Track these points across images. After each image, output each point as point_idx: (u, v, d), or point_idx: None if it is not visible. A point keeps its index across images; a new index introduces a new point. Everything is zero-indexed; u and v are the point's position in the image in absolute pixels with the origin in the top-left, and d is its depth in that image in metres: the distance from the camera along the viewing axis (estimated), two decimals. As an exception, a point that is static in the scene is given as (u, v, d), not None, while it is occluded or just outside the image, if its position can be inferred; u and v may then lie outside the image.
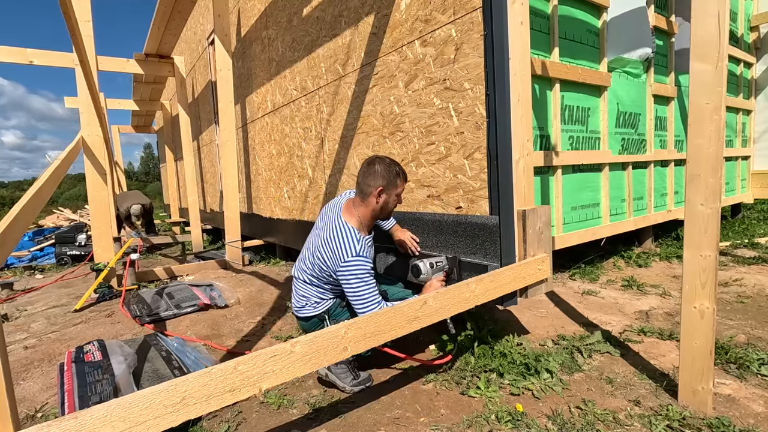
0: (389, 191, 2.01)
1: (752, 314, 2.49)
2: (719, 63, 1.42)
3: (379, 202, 2.01)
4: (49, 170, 2.22)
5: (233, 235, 4.82)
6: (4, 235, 1.36)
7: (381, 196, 2.00)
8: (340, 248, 1.91)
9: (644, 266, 3.69)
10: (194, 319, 3.04)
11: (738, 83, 4.93)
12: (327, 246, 1.97)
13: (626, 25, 3.25)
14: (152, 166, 64.63)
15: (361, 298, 1.87)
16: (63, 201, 39.35)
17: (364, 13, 2.79)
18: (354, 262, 1.87)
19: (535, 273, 2.03)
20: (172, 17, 4.82)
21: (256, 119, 4.94)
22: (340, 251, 1.91)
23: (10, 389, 1.14)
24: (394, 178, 2.00)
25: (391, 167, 2.00)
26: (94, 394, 1.85)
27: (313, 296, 2.11)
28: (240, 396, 1.19)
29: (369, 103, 2.84)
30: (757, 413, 1.55)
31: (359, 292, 1.87)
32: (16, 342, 2.79)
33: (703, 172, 1.47)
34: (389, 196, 2.02)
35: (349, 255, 1.88)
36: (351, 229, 1.96)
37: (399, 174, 2.03)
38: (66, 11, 2.59)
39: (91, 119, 3.91)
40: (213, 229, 7.87)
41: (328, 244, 1.97)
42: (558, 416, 1.60)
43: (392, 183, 2.00)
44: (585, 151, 3.15)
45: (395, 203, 2.08)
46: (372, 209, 2.03)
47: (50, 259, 6.28)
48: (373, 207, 2.02)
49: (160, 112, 10.65)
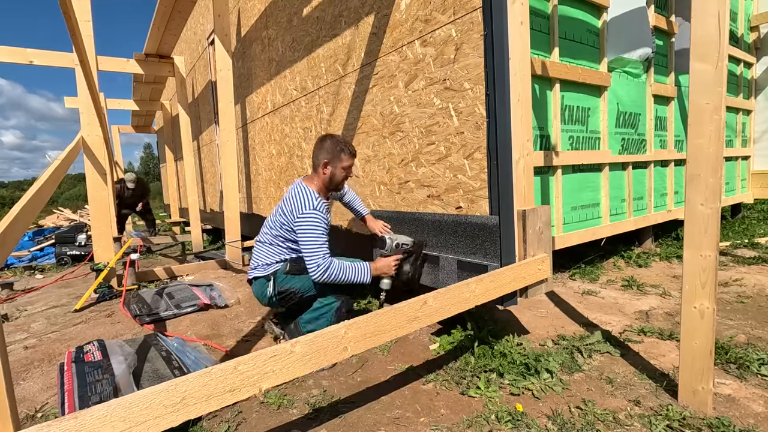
0: (334, 164, 2.27)
1: (752, 314, 2.49)
2: (719, 63, 1.42)
3: (326, 173, 2.28)
4: (49, 170, 2.22)
5: (233, 235, 4.82)
6: (4, 235, 1.36)
7: (327, 168, 2.27)
8: (300, 202, 2.19)
9: (644, 266, 3.69)
10: (194, 319, 3.04)
11: (738, 83, 4.93)
12: (288, 203, 2.26)
13: (626, 25, 3.25)
14: (152, 166, 64.58)
15: (310, 246, 2.11)
16: (63, 201, 39.37)
17: (364, 13, 2.79)
18: (311, 213, 2.14)
19: (535, 273, 2.03)
20: (172, 17, 4.81)
21: (256, 119, 4.94)
22: (300, 205, 2.19)
23: (10, 389, 1.14)
24: (338, 153, 2.26)
25: (337, 144, 2.28)
26: (94, 394, 1.85)
27: (267, 256, 2.36)
28: (240, 396, 1.19)
29: (369, 103, 2.84)
30: (757, 413, 1.55)
31: (310, 241, 2.11)
32: (16, 342, 2.79)
33: (703, 172, 1.47)
34: (335, 168, 2.28)
35: (307, 208, 2.16)
36: (310, 190, 2.26)
37: (344, 150, 2.28)
38: (66, 11, 2.59)
39: (91, 119, 3.90)
40: (213, 229, 7.87)
41: (290, 201, 2.26)
42: (558, 416, 1.60)
43: (336, 157, 2.26)
44: (585, 151, 3.15)
45: (342, 176, 2.33)
46: (322, 180, 2.30)
47: (50, 259, 6.28)
48: (322, 178, 2.30)
49: (160, 112, 10.64)
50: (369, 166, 2.94)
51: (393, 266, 2.29)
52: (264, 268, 2.36)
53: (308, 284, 2.26)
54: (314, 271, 2.09)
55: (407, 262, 2.37)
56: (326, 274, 2.08)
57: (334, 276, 2.10)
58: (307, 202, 2.19)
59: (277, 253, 2.35)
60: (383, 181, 2.82)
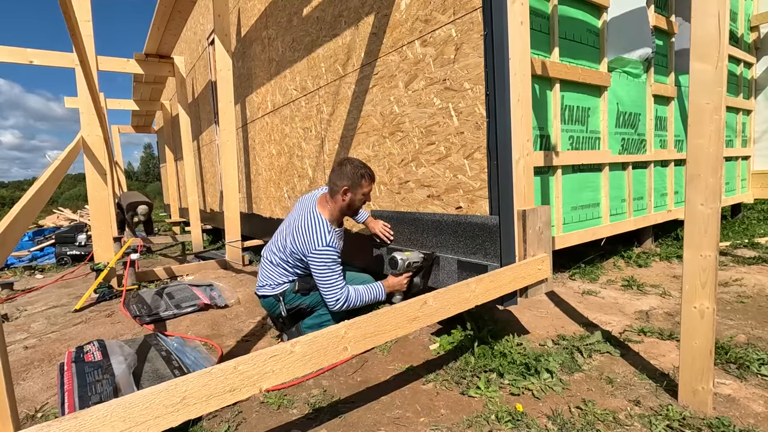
0: (355, 191, 2.21)
1: (752, 314, 2.49)
2: (719, 63, 1.42)
3: (345, 200, 2.22)
4: (49, 170, 2.22)
5: (233, 235, 4.82)
6: (4, 235, 1.36)
7: (347, 195, 2.21)
8: (313, 237, 2.13)
9: (644, 266, 3.69)
10: (194, 319, 3.04)
11: (738, 83, 4.93)
12: (301, 232, 2.19)
13: (626, 25, 3.25)
14: (152, 166, 64.62)
15: (326, 283, 2.13)
16: (63, 201, 39.36)
17: (364, 13, 2.79)
18: (324, 251, 2.11)
19: (535, 273, 2.03)
20: (172, 17, 4.82)
21: (256, 119, 4.94)
22: (313, 240, 2.13)
23: (10, 389, 1.14)
24: (359, 179, 2.20)
25: (357, 169, 2.20)
26: (94, 394, 1.85)
27: (276, 277, 2.34)
28: (240, 396, 1.19)
29: (369, 103, 2.84)
30: (757, 413, 1.55)
31: (326, 277, 2.13)
32: (16, 342, 2.79)
33: (703, 172, 1.47)
34: (355, 195, 2.22)
35: (320, 244, 2.11)
36: (324, 221, 2.19)
37: (364, 176, 2.22)
38: (66, 11, 2.59)
39: (91, 119, 3.91)
40: (213, 229, 7.87)
41: (303, 231, 2.19)
42: (558, 416, 1.59)
43: (357, 183, 2.20)
44: (585, 151, 3.15)
45: (362, 202, 2.29)
46: (339, 206, 2.24)
47: (50, 259, 6.28)
48: (340, 204, 2.24)
49: (160, 112, 10.64)
50: (369, 165, 2.94)
51: (405, 284, 2.33)
52: (273, 288, 2.36)
53: (317, 299, 2.31)
54: (334, 305, 2.16)
55: (417, 276, 2.40)
56: (345, 304, 2.15)
57: (353, 305, 2.17)
58: (320, 237, 2.13)
59: (286, 274, 2.35)
60: (383, 181, 2.82)
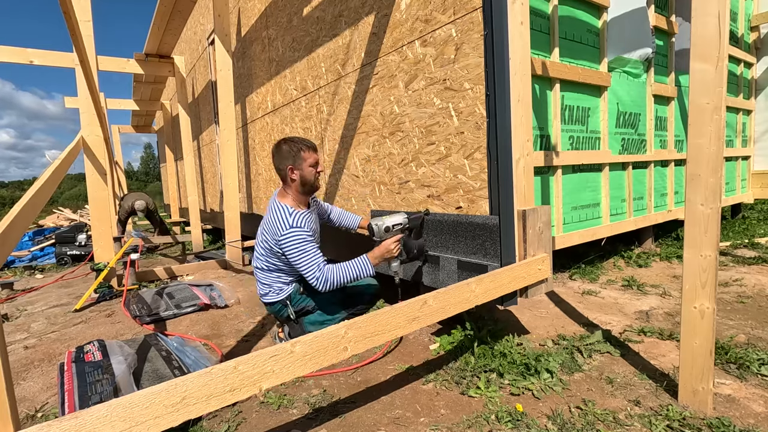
0: (300, 165, 2.18)
1: (752, 314, 2.49)
2: (719, 63, 1.42)
3: (296, 179, 2.20)
4: (49, 170, 2.22)
5: (233, 235, 4.82)
6: (4, 235, 1.36)
7: (295, 173, 2.19)
8: (278, 224, 2.13)
9: (644, 266, 3.68)
10: (194, 319, 3.04)
11: (738, 83, 4.93)
12: (268, 226, 2.21)
13: (626, 25, 3.25)
14: (152, 166, 64.64)
15: (302, 263, 2.08)
16: (63, 201, 39.36)
17: (364, 13, 2.79)
18: (290, 232, 2.08)
19: (536, 273, 2.03)
20: (172, 17, 4.82)
21: (257, 119, 4.94)
22: (278, 226, 2.13)
23: (10, 389, 1.14)
24: (298, 152, 2.17)
25: (293, 144, 2.18)
26: (94, 393, 1.85)
27: (275, 283, 2.33)
28: (240, 396, 1.19)
29: (369, 103, 2.84)
30: (757, 413, 1.55)
31: (300, 258, 2.08)
32: (16, 342, 2.79)
33: (703, 172, 1.47)
34: (302, 170, 2.19)
35: (285, 228, 2.10)
36: (285, 207, 2.17)
37: (302, 148, 2.18)
38: (66, 11, 2.59)
39: (91, 119, 3.90)
40: (213, 229, 7.87)
41: (268, 225, 2.21)
42: (558, 416, 1.59)
43: (299, 157, 2.17)
44: (585, 151, 3.15)
45: (313, 174, 2.22)
46: (296, 188, 2.22)
47: (50, 259, 6.28)
48: (296, 186, 2.21)
49: (160, 112, 10.64)
50: (369, 166, 2.94)
51: (394, 248, 2.13)
52: (277, 293, 2.33)
53: (324, 298, 2.31)
54: (317, 285, 2.11)
55: (409, 238, 2.25)
56: (328, 282, 2.09)
57: (337, 281, 2.10)
58: (284, 221, 2.12)
59: (281, 277, 2.34)
60: (383, 181, 2.82)
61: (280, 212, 2.16)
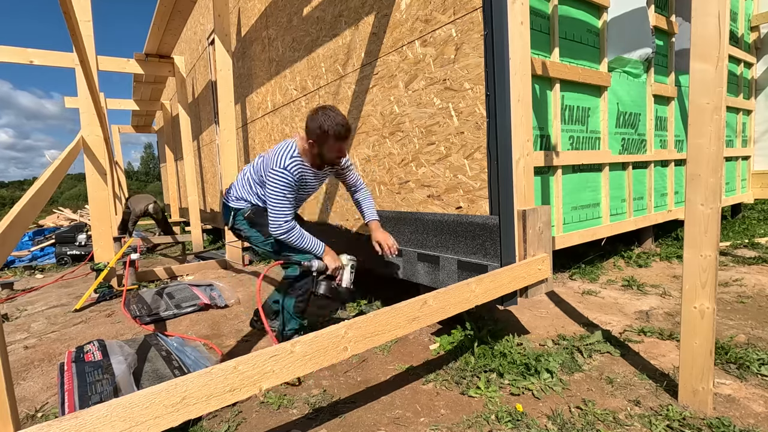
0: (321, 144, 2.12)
1: (752, 314, 2.49)
2: (719, 63, 1.42)
3: (314, 150, 2.17)
4: (49, 170, 2.22)
5: (233, 235, 4.81)
6: (4, 235, 1.36)
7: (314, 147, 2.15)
8: (276, 156, 2.14)
9: (644, 266, 3.68)
10: (194, 319, 3.04)
11: (738, 83, 4.93)
12: (271, 153, 2.23)
13: (626, 25, 3.25)
14: (152, 166, 64.64)
15: (274, 206, 2.12)
16: (63, 201, 39.37)
17: (364, 13, 2.79)
18: (278, 172, 2.10)
19: (536, 273, 2.03)
20: (172, 17, 4.81)
21: (257, 119, 4.94)
22: (275, 159, 2.14)
23: (10, 389, 1.14)
24: (325, 138, 2.09)
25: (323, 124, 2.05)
26: (94, 393, 1.85)
27: (240, 189, 2.41)
28: (240, 396, 1.19)
29: (369, 103, 2.84)
30: (757, 413, 1.55)
31: (274, 199, 2.12)
32: (17, 342, 2.79)
33: (703, 172, 1.47)
34: (322, 149, 2.15)
35: (278, 165, 2.11)
36: (293, 147, 2.17)
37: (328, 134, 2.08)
38: (66, 11, 2.59)
39: (91, 119, 3.90)
40: (213, 229, 7.87)
41: (272, 152, 2.23)
42: (558, 416, 1.59)
43: (324, 142, 2.11)
44: (585, 151, 3.15)
45: (333, 155, 2.18)
46: (310, 150, 2.19)
47: (50, 259, 6.28)
48: (310, 149, 2.18)
49: (160, 112, 10.64)
50: (369, 165, 2.94)
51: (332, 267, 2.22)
52: (236, 201, 2.42)
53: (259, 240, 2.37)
54: (274, 229, 2.15)
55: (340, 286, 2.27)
56: (286, 234, 2.15)
57: (291, 239, 2.16)
58: (281, 158, 2.12)
59: (249, 192, 2.39)
60: (383, 181, 2.82)
61: (285, 149, 2.17)
